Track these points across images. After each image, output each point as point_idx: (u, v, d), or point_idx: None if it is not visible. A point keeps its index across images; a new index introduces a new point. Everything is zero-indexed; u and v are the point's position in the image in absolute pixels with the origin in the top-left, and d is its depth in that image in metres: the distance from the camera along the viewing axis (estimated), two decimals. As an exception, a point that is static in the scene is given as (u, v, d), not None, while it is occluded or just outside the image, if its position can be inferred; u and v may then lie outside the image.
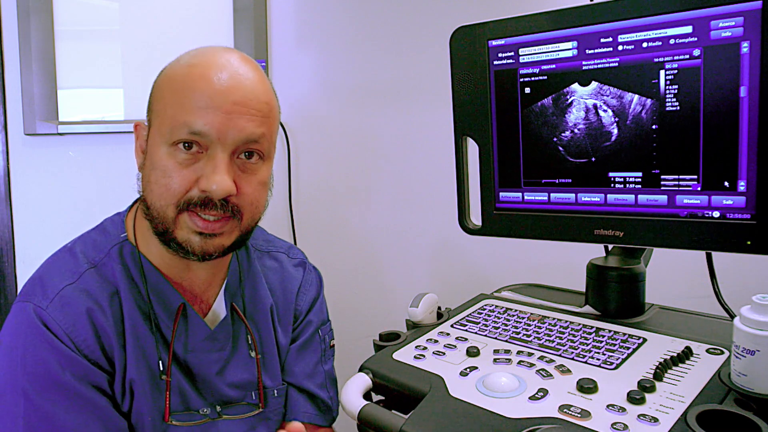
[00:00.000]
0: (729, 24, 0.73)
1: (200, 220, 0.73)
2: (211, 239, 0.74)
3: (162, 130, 0.73)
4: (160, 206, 0.73)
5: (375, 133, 1.70)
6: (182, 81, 0.73)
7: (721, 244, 0.77)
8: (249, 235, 0.80)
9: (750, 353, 0.62)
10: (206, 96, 0.71)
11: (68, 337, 0.72)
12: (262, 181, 0.78)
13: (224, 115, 0.71)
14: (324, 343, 0.95)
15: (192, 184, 0.72)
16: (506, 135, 0.93)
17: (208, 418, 0.81)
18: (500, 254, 1.68)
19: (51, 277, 0.76)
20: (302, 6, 1.64)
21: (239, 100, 0.72)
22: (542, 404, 0.68)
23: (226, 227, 0.75)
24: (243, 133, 0.72)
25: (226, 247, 0.76)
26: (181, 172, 0.72)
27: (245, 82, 0.74)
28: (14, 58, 1.45)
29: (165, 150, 0.73)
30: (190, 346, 0.81)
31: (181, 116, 0.71)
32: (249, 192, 0.75)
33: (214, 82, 0.72)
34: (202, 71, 0.73)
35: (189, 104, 0.71)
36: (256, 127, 0.74)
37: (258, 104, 0.74)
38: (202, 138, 0.71)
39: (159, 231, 0.75)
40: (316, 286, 0.97)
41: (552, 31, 0.87)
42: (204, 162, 0.72)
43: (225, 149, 0.72)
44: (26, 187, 1.51)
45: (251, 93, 0.74)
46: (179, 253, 0.75)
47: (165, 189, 0.72)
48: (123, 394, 0.76)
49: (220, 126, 0.71)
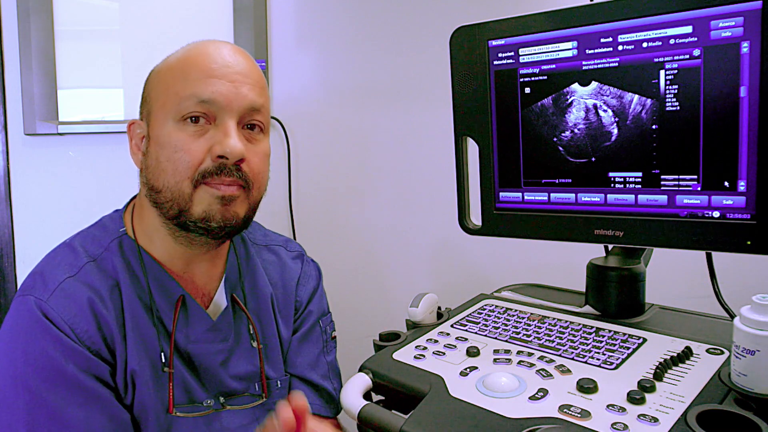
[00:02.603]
0: (729, 24, 0.73)
1: (219, 185, 0.75)
2: (230, 205, 0.76)
3: (167, 108, 0.75)
4: (175, 183, 0.74)
5: (375, 133, 1.70)
6: (183, 62, 0.77)
7: (721, 244, 0.77)
8: (255, 211, 0.82)
9: (750, 353, 0.62)
10: (209, 68, 0.75)
11: (70, 328, 0.72)
12: (266, 152, 0.81)
13: (229, 83, 0.75)
14: (325, 335, 0.96)
15: (204, 154, 0.74)
16: (506, 135, 0.93)
17: (212, 409, 0.81)
18: (500, 254, 1.68)
19: (51, 270, 0.77)
20: (302, 6, 1.64)
21: (240, 71, 0.77)
22: (542, 404, 0.68)
23: (241, 194, 0.77)
24: (247, 100, 0.76)
25: (240, 219, 0.78)
26: (192, 144, 0.74)
27: (241, 58, 0.79)
28: (14, 58, 1.45)
29: (173, 126, 0.75)
30: (193, 338, 0.81)
31: (186, 89, 0.74)
32: (256, 161, 0.78)
33: (215, 58, 0.76)
34: (201, 50, 0.77)
35: (193, 77, 0.75)
36: (258, 96, 0.78)
37: (256, 76, 0.79)
38: (211, 106, 0.74)
39: (173, 214, 0.76)
40: (315, 278, 0.98)
41: (552, 31, 0.87)
42: (213, 131, 0.75)
43: (232, 117, 0.75)
44: (26, 187, 1.51)
45: (248, 67, 0.79)
46: (198, 229, 0.76)
47: (178, 163, 0.74)
48: (125, 386, 0.76)
49: (228, 93, 0.75)
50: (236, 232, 0.80)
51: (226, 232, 0.77)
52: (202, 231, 0.76)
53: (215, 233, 0.76)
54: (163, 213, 0.77)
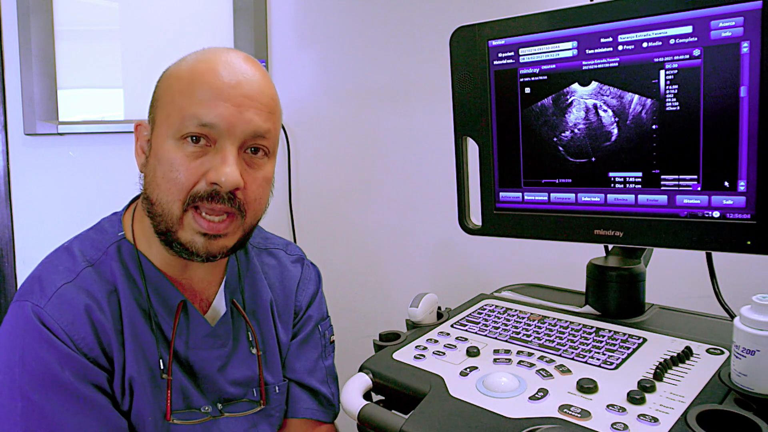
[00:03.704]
0: (729, 24, 0.73)
1: (205, 221, 0.73)
2: (215, 240, 0.74)
3: (169, 124, 0.73)
4: (166, 202, 0.73)
5: (375, 133, 1.70)
6: (190, 76, 0.74)
7: (721, 244, 0.77)
8: (250, 235, 0.80)
9: (750, 353, 0.62)
10: (215, 89, 0.72)
11: (67, 335, 0.72)
12: (267, 178, 0.78)
13: (234, 107, 0.72)
14: (324, 339, 0.96)
15: (199, 177, 0.72)
16: (506, 135, 0.93)
17: (209, 416, 0.81)
18: (500, 254, 1.68)
19: (48, 275, 0.76)
20: (302, 6, 1.64)
21: (248, 93, 0.73)
22: (542, 404, 0.68)
23: (231, 227, 0.75)
24: (251, 126, 0.73)
25: (229, 248, 0.76)
26: (188, 165, 0.72)
27: (252, 77, 0.75)
28: (14, 58, 1.45)
29: (172, 144, 0.73)
30: (191, 344, 0.81)
31: (190, 108, 0.72)
32: (254, 188, 0.76)
33: (223, 76, 0.73)
34: (210, 66, 0.74)
35: (198, 97, 0.72)
36: (264, 121, 0.74)
37: (265, 99, 0.75)
38: (212, 130, 0.72)
39: (161, 230, 0.75)
40: (314, 282, 0.97)
41: (552, 31, 0.87)
42: (212, 155, 0.72)
43: (234, 142, 0.73)
44: (26, 187, 1.51)
45: (258, 88, 0.75)
46: (182, 254, 0.75)
47: (172, 183, 0.72)
48: (123, 393, 0.76)
49: (230, 118, 0.72)
50: (229, 255, 0.79)
51: (213, 260, 0.76)
52: (186, 256, 0.75)
53: (200, 261, 0.75)
54: (154, 225, 0.76)
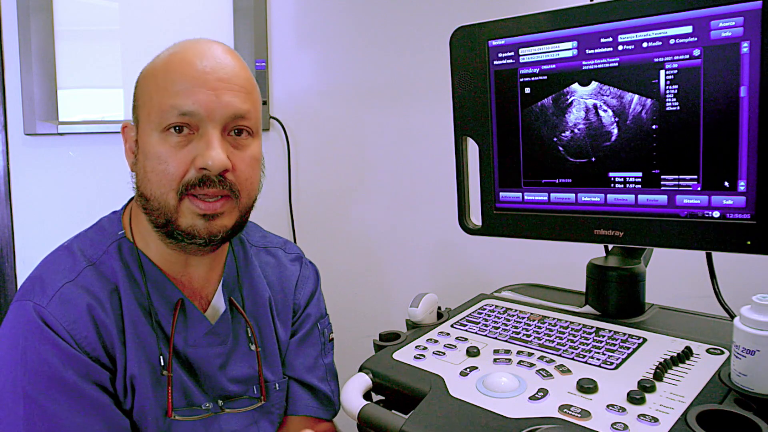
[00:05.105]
0: (729, 24, 0.73)
1: (202, 202, 0.74)
2: (215, 220, 0.75)
3: (151, 119, 0.74)
4: (160, 194, 0.74)
5: (375, 133, 1.70)
6: (164, 69, 0.75)
7: (721, 244, 0.77)
8: (247, 216, 0.81)
9: (750, 353, 0.62)
10: (191, 77, 0.73)
11: (69, 334, 0.72)
12: (254, 156, 0.79)
13: (210, 92, 0.73)
14: (323, 337, 0.96)
15: (188, 165, 0.73)
16: (506, 135, 0.93)
17: (210, 412, 0.81)
18: (500, 254, 1.68)
19: (50, 275, 0.76)
20: (302, 6, 1.64)
21: (222, 77, 0.75)
22: (542, 404, 0.68)
23: (227, 206, 0.76)
24: (230, 109, 0.74)
25: (229, 229, 0.77)
26: (176, 155, 0.73)
27: (225, 61, 0.76)
28: (14, 58, 1.45)
29: (157, 137, 0.74)
30: (191, 342, 0.81)
31: (168, 100, 0.73)
32: (243, 168, 0.77)
33: (196, 65, 0.74)
34: (183, 56, 0.75)
35: (174, 88, 0.73)
36: (242, 102, 0.76)
37: (240, 80, 0.76)
38: (192, 118, 0.73)
39: (160, 223, 0.75)
40: (313, 280, 0.98)
41: (552, 31, 0.87)
42: (196, 142, 0.74)
43: (215, 126, 0.74)
44: (26, 187, 1.51)
45: (232, 71, 0.76)
46: (185, 240, 0.75)
47: (162, 175, 0.73)
48: (125, 391, 0.76)
49: (208, 103, 0.73)
50: (228, 239, 0.80)
51: (215, 243, 0.77)
52: (188, 241, 0.76)
53: (203, 245, 0.76)
54: (152, 221, 0.76)
